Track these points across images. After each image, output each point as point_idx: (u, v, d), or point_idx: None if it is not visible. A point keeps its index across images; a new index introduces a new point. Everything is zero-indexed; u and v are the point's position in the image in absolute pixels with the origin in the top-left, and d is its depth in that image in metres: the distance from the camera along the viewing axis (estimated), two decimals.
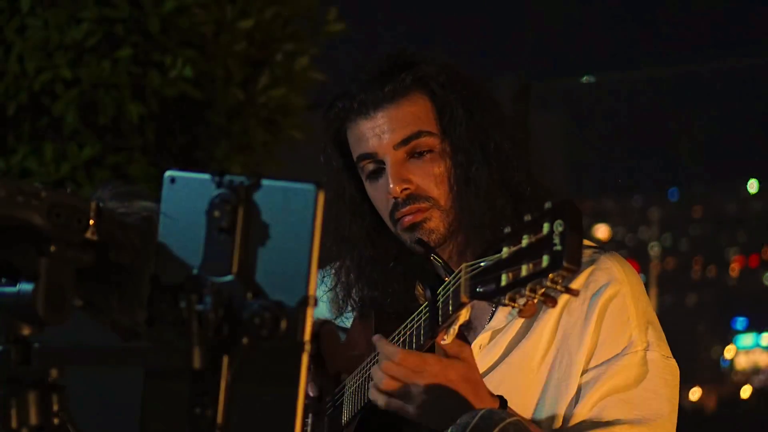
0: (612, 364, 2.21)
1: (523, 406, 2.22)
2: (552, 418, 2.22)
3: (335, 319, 2.58)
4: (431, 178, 2.27)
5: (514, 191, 2.26)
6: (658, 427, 2.20)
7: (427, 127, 2.28)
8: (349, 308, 2.43)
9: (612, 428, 2.18)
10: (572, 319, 2.24)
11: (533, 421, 2.21)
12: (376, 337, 2.16)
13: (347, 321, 2.53)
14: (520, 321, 2.27)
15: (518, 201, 2.25)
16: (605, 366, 2.21)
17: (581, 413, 2.20)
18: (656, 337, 2.25)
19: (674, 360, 2.26)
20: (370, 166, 2.31)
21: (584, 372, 2.22)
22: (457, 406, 2.06)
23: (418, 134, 2.27)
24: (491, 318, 2.30)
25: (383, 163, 2.28)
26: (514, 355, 2.26)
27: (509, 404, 2.13)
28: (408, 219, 2.27)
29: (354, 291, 2.40)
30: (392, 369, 2.09)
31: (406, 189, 2.26)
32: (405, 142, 2.27)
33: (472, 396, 2.06)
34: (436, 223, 2.27)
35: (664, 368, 2.24)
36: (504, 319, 2.28)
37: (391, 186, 2.26)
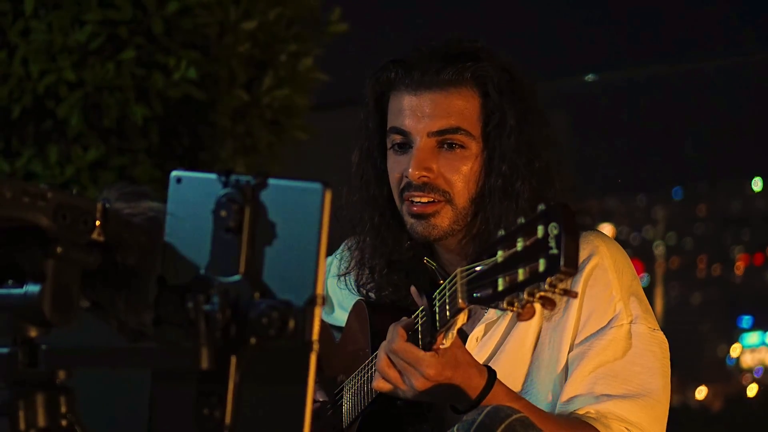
0: (598, 338, 2.22)
1: (521, 388, 2.24)
2: (547, 396, 2.22)
3: (330, 313, 2.58)
4: (455, 173, 2.27)
5: None
6: (649, 402, 2.20)
7: (468, 125, 2.28)
8: (366, 280, 2.42)
9: (604, 403, 2.18)
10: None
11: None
12: (398, 323, 2.13)
13: (341, 319, 2.53)
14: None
15: None
16: (591, 340, 2.22)
17: (572, 389, 2.21)
18: (642, 310, 2.25)
19: (661, 332, 2.27)
20: (398, 139, 2.31)
21: (572, 347, 2.23)
22: (447, 388, 2.07)
23: (455, 129, 2.27)
24: (486, 311, 2.31)
25: (413, 142, 2.29)
26: (508, 342, 2.27)
27: (507, 385, 2.14)
28: (418, 208, 2.27)
29: (367, 257, 2.40)
30: (390, 366, 2.09)
31: (424, 177, 2.27)
32: (440, 132, 2.28)
33: (463, 378, 2.08)
34: (443, 219, 2.28)
35: (651, 341, 2.24)
36: (495, 312, 2.29)
37: (411, 170, 2.26)
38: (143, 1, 4.07)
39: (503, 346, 2.28)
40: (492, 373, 2.11)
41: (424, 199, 2.27)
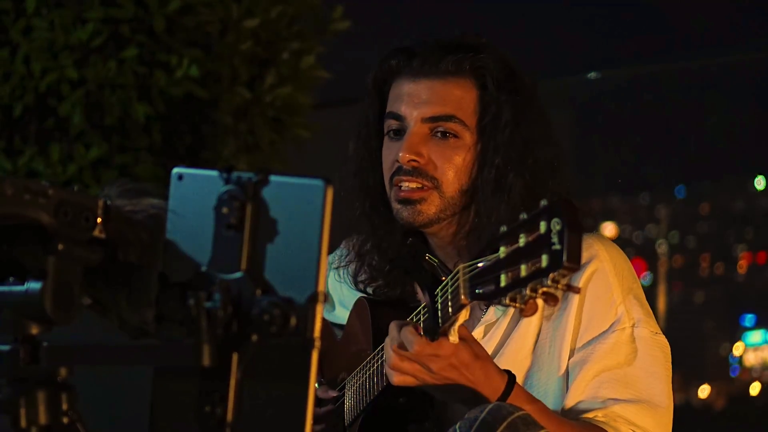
0: (600, 342, 2.21)
1: None
2: (547, 398, 2.21)
3: (331, 311, 2.58)
4: (445, 162, 2.27)
5: None
6: (654, 407, 2.19)
7: (463, 115, 2.28)
8: (362, 275, 2.42)
9: (611, 407, 2.18)
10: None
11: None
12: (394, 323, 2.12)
13: (342, 317, 2.52)
14: (510, 313, 2.27)
15: None
16: (594, 344, 2.21)
17: (576, 394, 2.20)
18: (644, 313, 2.25)
19: (663, 336, 2.26)
20: (394, 125, 2.32)
21: (573, 352, 2.22)
22: (467, 384, 2.06)
23: (449, 117, 2.27)
24: (485, 312, 2.30)
25: (407, 127, 2.29)
26: (508, 345, 2.27)
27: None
28: (405, 193, 2.27)
29: (362, 248, 2.39)
30: (403, 359, 2.07)
31: (414, 161, 2.27)
32: (434, 119, 2.27)
33: (482, 372, 2.06)
34: (429, 206, 2.27)
35: (653, 345, 2.23)
36: (495, 314, 2.28)
37: (401, 153, 2.26)
38: None
39: (503, 348, 2.27)
40: (512, 377, 2.10)
41: (413, 185, 2.27)
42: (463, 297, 1.92)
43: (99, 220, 1.47)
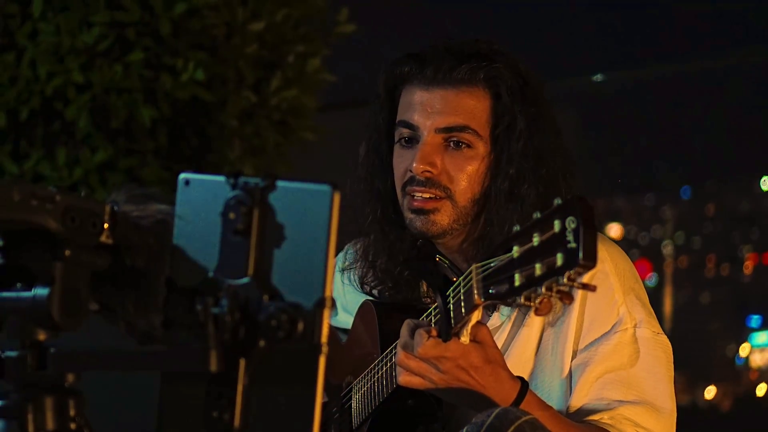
0: (602, 344, 2.21)
1: None
2: (551, 401, 2.21)
3: (335, 316, 2.57)
4: (459, 172, 2.26)
5: None
6: (657, 408, 2.19)
7: (476, 125, 2.26)
8: (369, 278, 2.41)
9: (615, 410, 2.17)
10: (557, 304, 2.23)
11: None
12: (408, 322, 2.12)
13: (345, 322, 2.52)
14: (513, 318, 2.27)
15: None
16: (596, 346, 2.21)
17: (580, 396, 2.20)
18: (646, 314, 2.24)
19: (665, 336, 2.25)
20: (406, 134, 2.30)
21: (575, 354, 2.22)
22: (477, 388, 2.06)
23: (463, 128, 2.26)
24: (490, 317, 2.30)
25: (420, 137, 2.28)
26: (512, 349, 2.27)
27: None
28: (418, 203, 2.27)
29: (370, 252, 2.39)
30: (411, 358, 2.06)
31: (428, 172, 2.26)
32: (447, 129, 2.26)
33: (492, 378, 2.06)
34: (443, 217, 2.26)
35: (656, 346, 2.23)
36: (499, 318, 2.28)
37: (415, 164, 2.25)
38: (151, 2, 4.07)
39: (507, 352, 2.27)
40: (525, 384, 2.09)
41: (426, 195, 2.26)
42: (476, 297, 1.92)
43: (106, 225, 1.47)
